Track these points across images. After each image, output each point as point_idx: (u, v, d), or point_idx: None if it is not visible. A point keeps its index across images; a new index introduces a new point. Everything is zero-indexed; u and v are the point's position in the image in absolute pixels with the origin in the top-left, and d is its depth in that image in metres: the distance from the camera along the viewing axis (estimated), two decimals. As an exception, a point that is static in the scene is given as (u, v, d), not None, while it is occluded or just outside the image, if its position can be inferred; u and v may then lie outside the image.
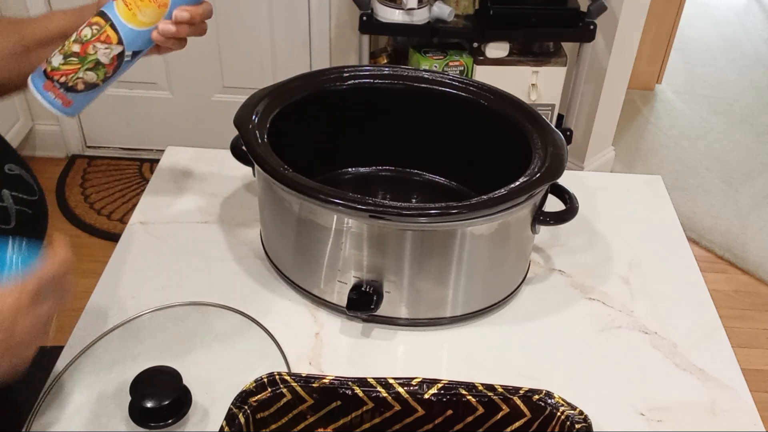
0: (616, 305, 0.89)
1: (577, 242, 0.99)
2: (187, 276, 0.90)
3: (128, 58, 0.74)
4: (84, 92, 0.74)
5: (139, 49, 0.75)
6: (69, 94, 0.74)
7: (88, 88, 0.74)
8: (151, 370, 0.72)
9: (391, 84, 0.97)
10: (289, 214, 0.83)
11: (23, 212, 0.78)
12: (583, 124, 2.35)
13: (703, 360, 0.82)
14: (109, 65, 0.74)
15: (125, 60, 0.75)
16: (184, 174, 1.08)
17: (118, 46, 0.73)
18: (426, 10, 1.91)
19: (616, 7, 2.10)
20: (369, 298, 0.81)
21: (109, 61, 0.74)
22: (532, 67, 2.00)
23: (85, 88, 0.74)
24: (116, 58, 0.74)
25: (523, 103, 0.92)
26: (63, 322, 0.74)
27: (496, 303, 0.87)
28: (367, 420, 0.65)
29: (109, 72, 0.74)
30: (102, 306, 0.86)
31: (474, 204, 0.76)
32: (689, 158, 2.71)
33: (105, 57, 0.73)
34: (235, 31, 2.28)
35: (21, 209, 0.78)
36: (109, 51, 0.73)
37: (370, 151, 1.03)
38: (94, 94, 0.76)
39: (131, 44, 0.74)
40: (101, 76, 0.74)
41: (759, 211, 2.45)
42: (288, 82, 0.94)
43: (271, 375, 0.63)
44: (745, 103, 3.10)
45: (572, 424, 0.61)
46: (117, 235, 0.96)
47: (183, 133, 2.51)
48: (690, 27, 3.67)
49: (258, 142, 0.83)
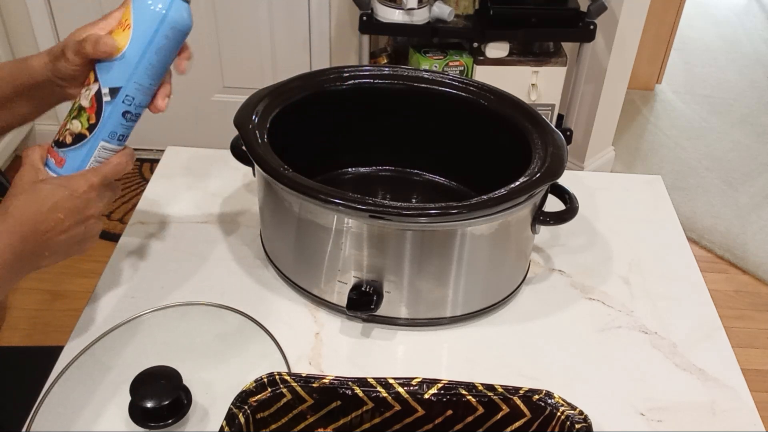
0: (616, 305, 0.89)
1: (577, 242, 0.99)
2: (187, 276, 0.90)
3: (107, 98, 0.70)
4: (72, 146, 0.71)
5: (115, 85, 0.70)
6: (60, 151, 0.72)
7: (75, 140, 0.71)
8: (151, 370, 0.72)
9: (391, 84, 0.97)
10: (289, 214, 0.83)
11: None
12: (583, 124, 2.35)
13: (703, 360, 0.82)
14: (89, 108, 0.70)
15: (105, 101, 0.70)
16: (184, 174, 1.08)
17: (95, 84, 0.70)
18: (426, 10, 1.91)
19: (616, 7, 2.10)
20: (369, 298, 0.81)
21: (89, 103, 0.70)
22: (532, 67, 2.00)
23: (72, 141, 0.71)
24: (94, 98, 0.70)
25: (523, 103, 0.92)
26: (63, 322, 0.74)
27: (496, 303, 0.87)
28: (367, 420, 0.65)
29: (91, 117, 0.70)
30: (102, 306, 0.86)
31: (474, 204, 0.76)
32: (689, 158, 2.71)
33: (85, 100, 0.71)
34: (235, 31, 2.28)
35: None
36: (87, 92, 0.71)
37: (370, 151, 1.03)
38: (83, 150, 0.71)
39: (106, 79, 0.70)
40: (85, 124, 0.71)
41: (759, 211, 2.45)
42: (288, 82, 0.94)
43: (271, 375, 0.63)
44: (745, 103, 3.10)
45: (572, 424, 0.61)
46: (117, 235, 0.96)
47: (183, 133, 2.51)
48: (690, 27, 3.67)
49: (258, 142, 0.83)
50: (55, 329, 1.85)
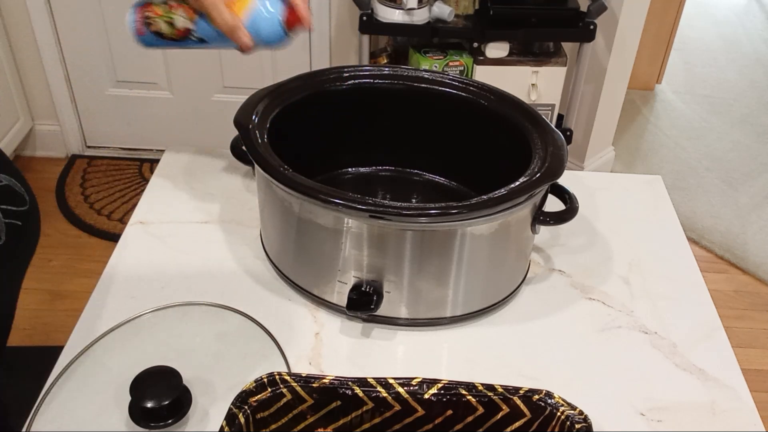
0: (616, 305, 0.89)
1: (577, 242, 0.99)
2: (187, 276, 0.90)
3: (194, 39, 0.83)
4: (152, 34, 0.84)
5: (206, 38, 0.83)
6: (144, 27, 0.84)
7: (156, 35, 0.84)
8: (151, 370, 0.72)
9: (391, 84, 0.97)
10: (289, 214, 0.83)
11: (13, 225, 0.78)
12: (583, 124, 2.35)
13: (703, 360, 0.83)
14: (177, 31, 0.83)
15: (191, 39, 0.83)
16: (184, 174, 1.08)
17: (192, 24, 0.82)
18: (426, 10, 1.91)
19: (616, 7, 2.10)
20: (369, 298, 0.81)
21: (180, 28, 0.83)
22: (532, 67, 2.00)
23: (154, 33, 0.84)
24: (185, 31, 0.83)
25: (523, 103, 0.92)
26: (63, 322, 0.74)
27: (496, 303, 0.87)
28: (367, 420, 0.65)
29: (175, 35, 0.83)
30: (102, 306, 0.86)
31: (474, 204, 0.76)
32: (689, 158, 2.71)
33: (179, 23, 0.82)
34: (235, 31, 2.28)
35: (11, 222, 0.78)
36: (184, 21, 0.82)
37: (370, 151, 1.03)
38: (159, 44, 0.85)
39: (200, 30, 0.82)
40: (168, 34, 0.84)
41: (759, 211, 2.45)
42: (288, 82, 0.94)
43: (271, 375, 0.63)
44: (745, 103, 3.10)
45: (572, 424, 0.61)
46: (117, 235, 0.96)
47: (183, 133, 2.51)
48: (690, 27, 3.67)
49: (258, 142, 0.83)
50: (55, 329, 1.85)
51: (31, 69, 2.38)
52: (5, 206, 0.78)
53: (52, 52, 2.34)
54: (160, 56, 2.35)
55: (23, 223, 0.81)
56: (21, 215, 0.80)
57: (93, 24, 2.28)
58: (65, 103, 2.44)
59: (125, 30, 0.85)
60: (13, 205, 0.78)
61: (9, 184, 0.78)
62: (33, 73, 2.39)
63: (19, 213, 0.81)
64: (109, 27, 2.29)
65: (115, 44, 2.32)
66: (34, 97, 2.44)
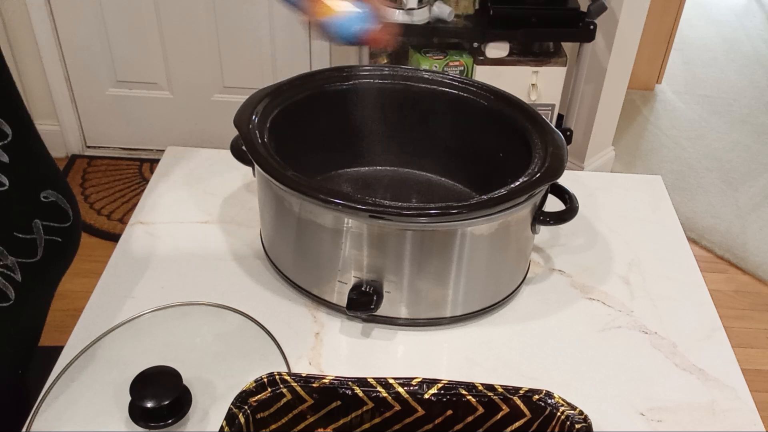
0: (616, 305, 0.89)
1: (577, 242, 0.99)
2: (187, 276, 0.90)
3: None
4: None
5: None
6: None
7: None
8: (151, 370, 0.72)
9: (391, 84, 0.97)
10: (289, 214, 0.83)
11: (52, 242, 0.78)
12: (583, 124, 2.35)
13: (703, 360, 0.83)
14: None
15: None
16: (183, 174, 1.08)
17: None
18: (426, 10, 1.91)
19: (616, 7, 2.10)
20: (369, 298, 0.81)
21: None
22: (532, 67, 2.00)
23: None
24: None
25: (523, 103, 0.92)
26: (63, 322, 0.74)
27: (496, 303, 0.87)
28: (367, 420, 0.65)
29: None
30: (102, 306, 0.86)
31: (474, 204, 0.76)
32: (689, 158, 2.71)
33: None
34: (235, 31, 2.28)
35: (50, 239, 0.78)
36: None
37: (370, 151, 1.03)
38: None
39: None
40: None
41: (759, 211, 2.45)
42: (288, 82, 0.94)
43: (271, 375, 0.63)
44: (745, 103, 3.10)
45: (572, 424, 0.61)
46: (117, 235, 0.96)
47: (183, 133, 2.51)
48: (690, 27, 3.67)
49: (258, 142, 0.83)
50: (55, 329, 1.85)
51: (31, 69, 2.38)
52: (47, 222, 0.78)
53: (52, 52, 2.33)
54: (160, 56, 2.35)
55: (63, 239, 0.82)
56: (62, 232, 0.80)
57: (93, 24, 2.28)
58: (65, 103, 2.44)
59: (125, 30, 0.83)
60: (56, 222, 0.79)
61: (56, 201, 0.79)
62: (33, 72, 2.39)
63: (61, 230, 0.81)
64: (109, 27, 2.29)
65: (115, 44, 2.32)
66: (34, 96, 2.44)
